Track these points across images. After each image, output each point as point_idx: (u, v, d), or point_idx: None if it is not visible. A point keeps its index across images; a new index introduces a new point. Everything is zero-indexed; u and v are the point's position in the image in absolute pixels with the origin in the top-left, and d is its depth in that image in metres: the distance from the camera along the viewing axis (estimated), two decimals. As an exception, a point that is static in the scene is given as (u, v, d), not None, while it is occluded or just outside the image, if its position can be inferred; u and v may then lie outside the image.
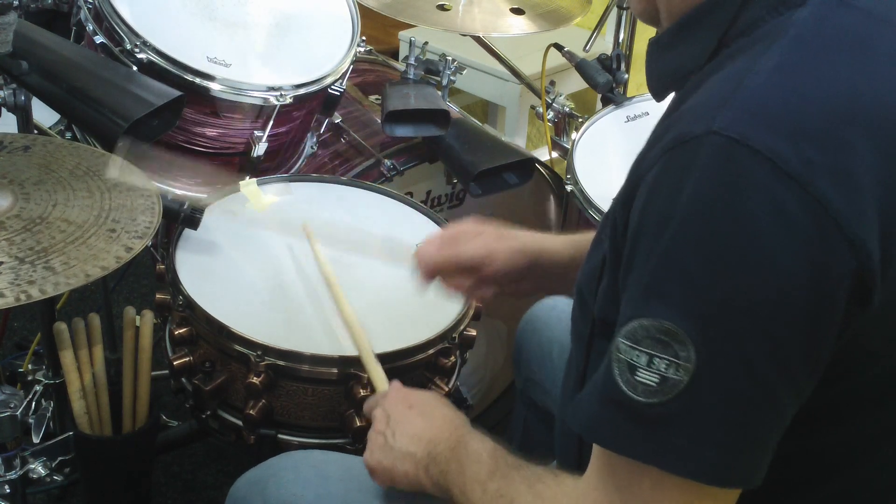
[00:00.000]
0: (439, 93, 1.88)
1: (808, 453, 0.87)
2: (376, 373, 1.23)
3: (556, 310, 1.49)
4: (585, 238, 1.28)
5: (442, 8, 1.90)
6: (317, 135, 1.87)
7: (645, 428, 0.78)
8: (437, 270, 1.28)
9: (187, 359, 1.39)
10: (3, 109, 1.51)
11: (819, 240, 0.74)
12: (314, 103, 1.76)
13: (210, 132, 1.67)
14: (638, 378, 0.78)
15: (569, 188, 1.80)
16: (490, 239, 1.28)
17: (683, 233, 0.76)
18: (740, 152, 0.74)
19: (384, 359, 1.30)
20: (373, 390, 1.26)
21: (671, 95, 0.93)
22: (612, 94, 2.02)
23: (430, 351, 1.36)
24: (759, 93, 0.77)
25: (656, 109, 1.97)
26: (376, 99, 2.05)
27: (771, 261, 0.74)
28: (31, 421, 1.72)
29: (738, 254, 0.74)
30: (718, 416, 0.76)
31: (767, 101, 0.77)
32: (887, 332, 0.81)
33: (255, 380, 1.29)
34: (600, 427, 0.82)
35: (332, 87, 1.74)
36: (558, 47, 2.13)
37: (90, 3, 1.62)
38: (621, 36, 2.25)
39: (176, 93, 1.44)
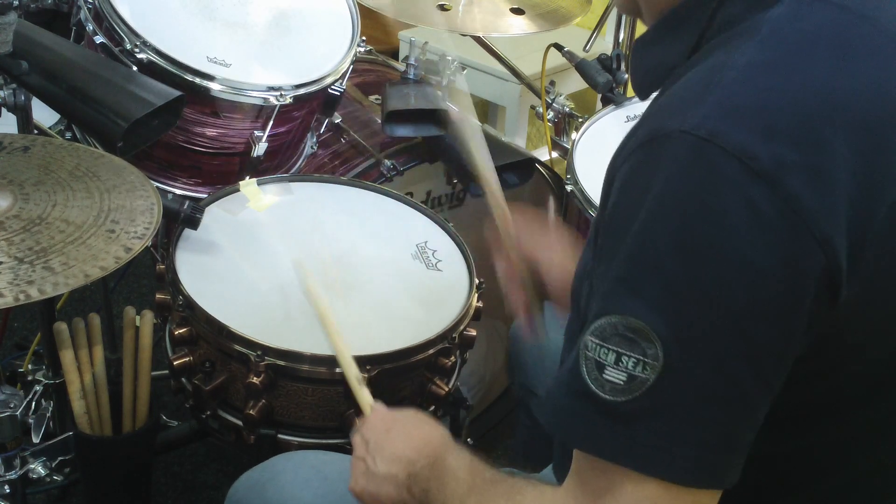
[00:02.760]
0: (439, 93, 1.88)
1: (796, 454, 0.87)
2: (362, 397, 1.21)
3: (546, 315, 1.49)
4: None
5: (442, 8, 1.90)
6: (317, 135, 1.87)
7: (613, 426, 0.77)
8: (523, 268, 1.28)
9: (187, 359, 1.39)
10: (3, 109, 1.51)
11: (789, 237, 0.74)
12: (314, 103, 1.76)
13: (210, 132, 1.67)
14: (606, 376, 0.77)
15: (569, 188, 1.80)
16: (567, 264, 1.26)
17: (654, 228, 0.76)
18: (710, 151, 0.74)
19: (384, 359, 1.30)
20: (372, 393, 1.26)
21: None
22: (612, 94, 2.02)
23: (430, 351, 1.36)
24: (731, 90, 0.77)
25: (656, 109, 1.97)
26: (376, 99, 2.05)
27: (742, 258, 0.74)
28: (31, 421, 1.72)
29: (709, 250, 0.74)
30: (689, 414, 0.76)
31: (739, 98, 0.77)
32: (868, 326, 0.81)
33: (255, 380, 1.29)
34: (569, 424, 0.82)
35: (332, 87, 1.74)
36: (558, 47, 2.13)
37: (90, 3, 1.62)
38: (621, 36, 2.25)
39: (176, 93, 1.44)
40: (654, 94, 0.92)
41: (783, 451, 0.85)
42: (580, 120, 2.00)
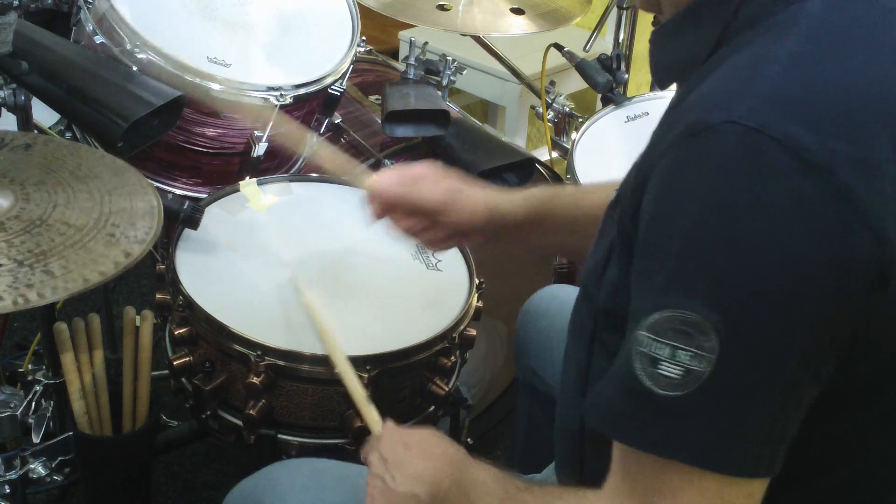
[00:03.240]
0: (439, 93, 1.88)
1: (808, 444, 0.87)
2: (370, 415, 1.18)
3: (558, 299, 1.49)
4: (538, 197, 1.28)
5: (442, 8, 1.90)
6: (317, 135, 1.87)
7: (668, 421, 0.77)
8: (392, 207, 1.26)
9: (187, 359, 1.39)
10: (3, 109, 1.51)
11: (842, 230, 0.74)
12: (314, 103, 1.75)
13: (210, 132, 1.67)
14: (660, 371, 0.77)
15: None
16: (454, 187, 1.25)
17: (704, 223, 0.76)
18: (761, 141, 0.74)
19: (384, 359, 1.30)
20: (372, 393, 1.25)
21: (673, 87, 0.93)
22: (612, 94, 2.02)
23: (430, 351, 1.36)
24: (776, 82, 0.77)
25: (656, 109, 1.98)
26: (376, 99, 2.05)
27: (793, 251, 0.73)
28: (31, 421, 1.72)
29: (761, 244, 0.74)
30: (743, 406, 0.76)
31: (785, 89, 0.77)
32: (887, 322, 0.81)
33: (255, 380, 1.29)
34: (622, 422, 0.81)
35: (332, 87, 1.74)
36: (558, 47, 2.13)
37: (90, 3, 1.62)
38: (621, 36, 2.25)
39: (176, 93, 1.44)
40: (677, 90, 0.91)
41: (795, 443, 0.85)
42: (580, 120, 2.00)
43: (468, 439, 1.59)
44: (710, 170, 0.75)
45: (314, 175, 1.73)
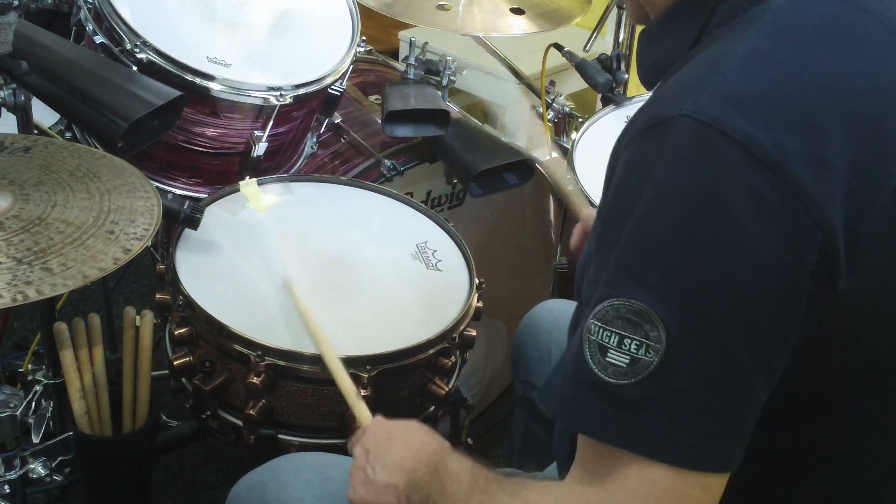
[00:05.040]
0: (439, 93, 1.88)
1: (795, 445, 0.87)
2: (360, 410, 1.21)
3: (555, 312, 1.49)
4: None
5: (442, 8, 1.90)
6: (317, 135, 1.87)
7: (618, 410, 0.78)
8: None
9: (187, 359, 1.39)
10: (3, 109, 1.51)
11: (791, 223, 0.74)
12: (314, 103, 1.75)
13: (210, 132, 1.67)
14: (608, 359, 0.78)
15: (569, 188, 1.80)
16: None
17: (655, 212, 0.76)
18: (713, 136, 0.75)
19: (384, 359, 1.30)
20: (372, 393, 1.25)
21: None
22: (612, 94, 2.02)
23: (430, 351, 1.36)
24: (733, 77, 0.78)
25: (656, 109, 1.97)
26: (376, 99, 2.05)
27: (744, 242, 0.74)
28: (31, 421, 1.72)
29: (712, 235, 0.75)
30: (692, 398, 0.76)
31: (740, 85, 0.77)
32: (868, 320, 0.82)
33: (255, 380, 1.29)
34: (573, 410, 0.82)
35: (332, 87, 1.74)
36: (558, 47, 2.13)
37: (90, 3, 1.62)
38: (621, 36, 2.25)
39: (176, 93, 1.44)
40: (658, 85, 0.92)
41: (782, 443, 0.85)
42: (580, 120, 2.00)
43: (468, 439, 1.59)
44: (663, 162, 0.76)
45: (314, 175, 1.73)
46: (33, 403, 1.73)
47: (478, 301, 1.46)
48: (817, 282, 0.76)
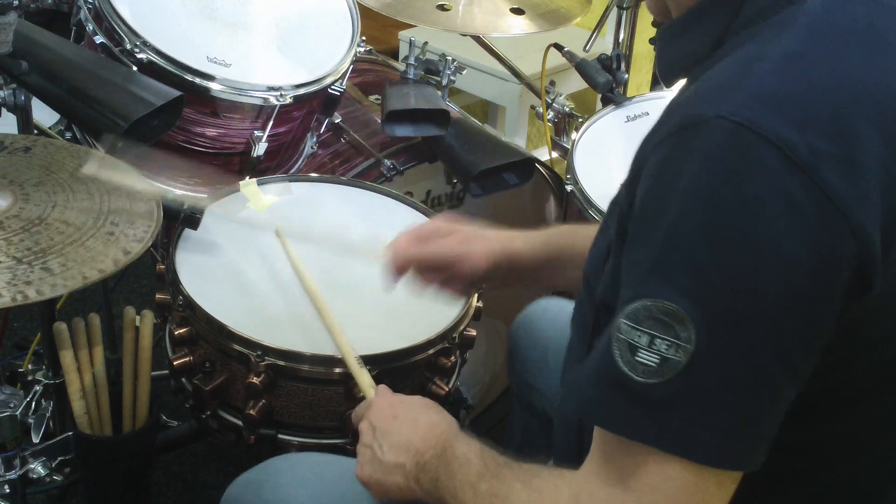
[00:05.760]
0: (439, 93, 1.88)
1: (807, 443, 0.87)
2: (362, 378, 1.21)
3: (550, 311, 1.49)
4: (559, 236, 1.29)
5: (442, 8, 1.90)
6: (317, 135, 1.87)
7: (644, 408, 0.78)
8: (407, 266, 1.29)
9: (187, 359, 1.39)
10: (3, 109, 1.51)
11: (823, 227, 0.74)
12: (314, 103, 1.75)
13: (210, 132, 1.67)
14: (638, 358, 0.78)
15: (569, 188, 1.80)
16: (462, 239, 1.28)
17: (688, 214, 0.76)
18: (748, 138, 0.75)
19: (384, 359, 1.30)
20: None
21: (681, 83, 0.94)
22: (612, 94, 2.02)
23: (430, 351, 1.36)
24: (768, 80, 0.78)
25: (656, 109, 1.97)
26: (376, 99, 2.05)
27: (776, 246, 0.74)
28: (31, 421, 1.72)
29: (743, 237, 0.75)
30: (718, 397, 0.77)
31: (775, 88, 0.77)
32: (886, 321, 0.82)
33: (255, 380, 1.29)
34: (599, 407, 0.82)
35: (332, 87, 1.74)
36: (558, 47, 2.13)
37: (90, 3, 1.62)
38: (621, 36, 2.25)
39: (176, 93, 1.44)
40: (683, 85, 0.92)
41: (789, 442, 0.85)
42: (580, 120, 2.00)
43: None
44: (697, 163, 0.76)
45: (314, 175, 1.73)
46: (33, 403, 1.73)
47: (478, 301, 1.46)
48: (851, 287, 0.76)
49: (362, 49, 1.83)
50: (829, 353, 0.80)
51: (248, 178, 1.64)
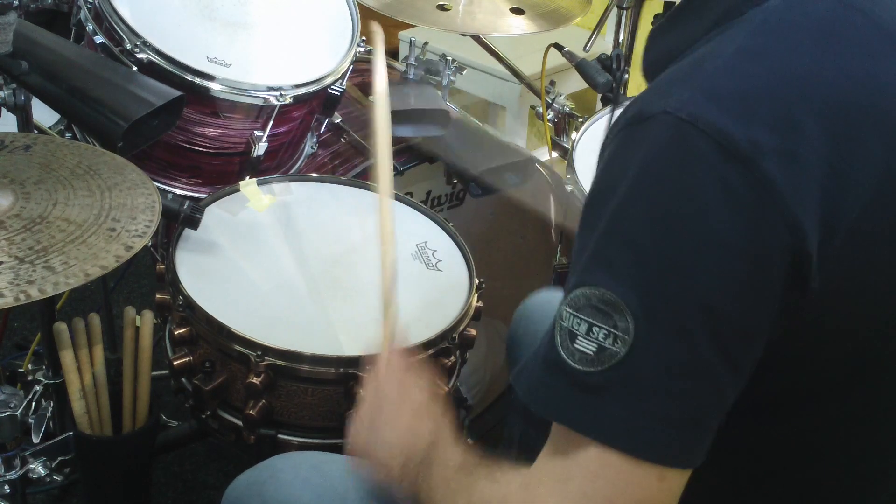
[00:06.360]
0: (439, 93, 1.88)
1: (773, 443, 0.87)
2: (388, 331, 1.18)
3: (551, 304, 1.49)
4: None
5: (442, 8, 1.90)
6: (317, 135, 1.87)
7: (583, 397, 0.78)
8: None
9: (187, 359, 1.39)
10: (3, 109, 1.51)
11: (759, 216, 0.75)
12: (314, 103, 1.76)
13: (210, 132, 1.67)
14: (577, 346, 0.78)
15: (569, 188, 1.80)
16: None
17: (629, 204, 0.77)
18: (689, 132, 0.76)
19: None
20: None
21: None
22: (612, 94, 2.02)
23: (430, 351, 1.36)
24: (714, 75, 0.79)
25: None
26: (376, 99, 2.05)
27: (712, 231, 0.75)
28: (31, 421, 1.72)
29: (681, 223, 0.75)
30: (656, 389, 0.76)
31: (721, 83, 0.79)
32: (846, 315, 0.82)
33: (255, 380, 1.29)
34: (540, 392, 0.82)
35: (332, 87, 1.74)
36: (558, 47, 2.13)
37: (90, 3, 1.62)
38: (621, 36, 2.25)
39: (176, 93, 1.44)
40: None
41: (760, 440, 0.86)
42: (580, 120, 2.00)
43: (468, 439, 1.59)
44: (640, 156, 0.78)
45: (314, 175, 1.73)
46: (33, 403, 1.73)
47: (478, 301, 1.46)
48: (790, 280, 0.77)
49: (362, 49, 1.83)
50: (791, 349, 0.80)
51: (248, 178, 1.64)
